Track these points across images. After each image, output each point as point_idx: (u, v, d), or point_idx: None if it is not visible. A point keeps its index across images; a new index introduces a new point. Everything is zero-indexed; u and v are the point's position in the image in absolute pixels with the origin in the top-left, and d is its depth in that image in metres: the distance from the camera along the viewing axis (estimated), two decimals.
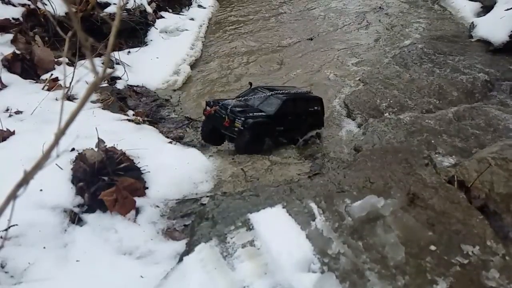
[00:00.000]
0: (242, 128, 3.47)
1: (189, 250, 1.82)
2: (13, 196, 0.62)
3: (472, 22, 5.66)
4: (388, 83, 4.44)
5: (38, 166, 0.62)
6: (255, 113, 3.61)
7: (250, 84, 4.13)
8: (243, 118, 3.48)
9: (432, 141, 2.88)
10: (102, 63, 4.53)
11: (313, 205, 1.84)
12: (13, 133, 2.76)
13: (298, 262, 1.55)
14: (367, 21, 6.60)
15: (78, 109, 0.57)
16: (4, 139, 2.67)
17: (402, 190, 1.82)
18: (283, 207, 1.91)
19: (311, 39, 6.09)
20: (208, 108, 3.71)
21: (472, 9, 6.09)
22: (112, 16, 5.07)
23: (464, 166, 2.16)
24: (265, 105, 3.76)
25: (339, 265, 1.53)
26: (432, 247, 1.58)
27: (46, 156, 0.62)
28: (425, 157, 2.06)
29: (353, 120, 3.88)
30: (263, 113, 3.63)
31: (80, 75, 3.43)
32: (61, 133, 0.59)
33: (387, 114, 3.75)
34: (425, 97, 3.99)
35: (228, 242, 1.78)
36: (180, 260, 1.79)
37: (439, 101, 3.89)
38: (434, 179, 1.91)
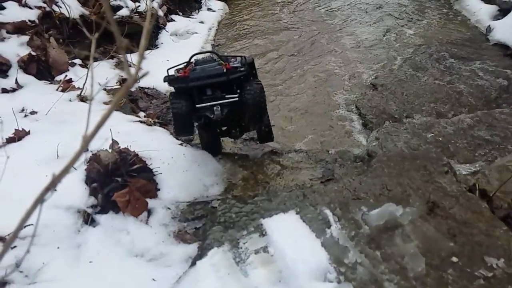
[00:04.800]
0: None
1: (201, 254, 1.80)
2: (40, 200, 0.61)
3: (489, 26, 5.52)
4: (400, 87, 4.36)
5: (66, 170, 0.61)
6: None
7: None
8: None
9: (450, 147, 2.80)
10: (115, 65, 4.57)
11: (328, 212, 1.80)
12: (28, 133, 2.80)
13: (313, 270, 1.52)
14: (377, 22, 6.53)
15: (109, 112, 0.55)
16: (19, 139, 2.71)
17: (421, 199, 1.77)
18: (297, 213, 1.88)
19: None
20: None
21: (488, 12, 5.91)
22: (124, 18, 5.12)
23: (485, 174, 2.10)
24: None
25: (356, 275, 1.49)
26: (454, 259, 1.53)
27: (74, 160, 0.60)
28: (445, 164, 2.00)
29: (365, 124, 3.81)
30: None
31: (94, 77, 3.46)
32: (90, 137, 0.58)
33: (400, 118, 3.67)
34: (440, 102, 3.89)
35: (241, 248, 1.76)
36: (193, 264, 1.77)
37: (455, 106, 3.79)
38: (455, 188, 1.85)
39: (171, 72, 2.40)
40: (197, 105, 2.33)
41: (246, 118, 2.55)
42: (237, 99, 2.33)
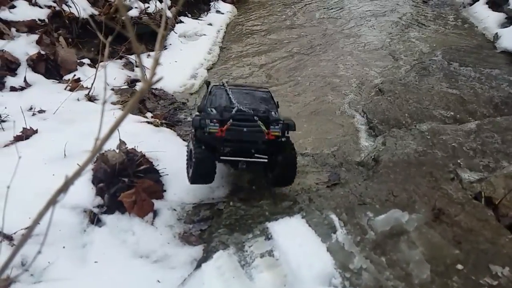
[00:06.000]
0: None
1: (206, 256, 1.81)
2: (53, 202, 0.62)
3: (496, 33, 5.49)
4: (407, 92, 4.34)
5: (79, 173, 0.62)
6: None
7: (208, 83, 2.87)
8: None
9: (456, 154, 2.77)
10: (123, 65, 4.60)
11: (333, 217, 1.80)
12: (36, 131, 2.83)
13: (318, 275, 1.52)
14: (385, 27, 6.52)
15: (123, 116, 0.57)
16: (27, 137, 2.74)
17: (427, 205, 1.76)
18: (302, 217, 1.88)
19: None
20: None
21: (496, 20, 5.88)
22: (133, 19, 5.17)
23: (490, 182, 2.08)
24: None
25: (361, 280, 1.48)
26: (459, 266, 1.52)
27: (87, 163, 0.61)
28: (451, 171, 1.99)
29: (372, 129, 3.80)
30: None
31: (105, 80, 3.50)
32: (103, 141, 0.59)
33: (407, 124, 3.64)
34: (447, 109, 3.87)
35: (246, 251, 1.76)
36: (198, 266, 1.78)
37: (462, 113, 3.76)
38: (460, 195, 1.84)
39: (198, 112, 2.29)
40: (222, 157, 2.20)
41: (274, 176, 2.40)
42: (266, 160, 2.19)
